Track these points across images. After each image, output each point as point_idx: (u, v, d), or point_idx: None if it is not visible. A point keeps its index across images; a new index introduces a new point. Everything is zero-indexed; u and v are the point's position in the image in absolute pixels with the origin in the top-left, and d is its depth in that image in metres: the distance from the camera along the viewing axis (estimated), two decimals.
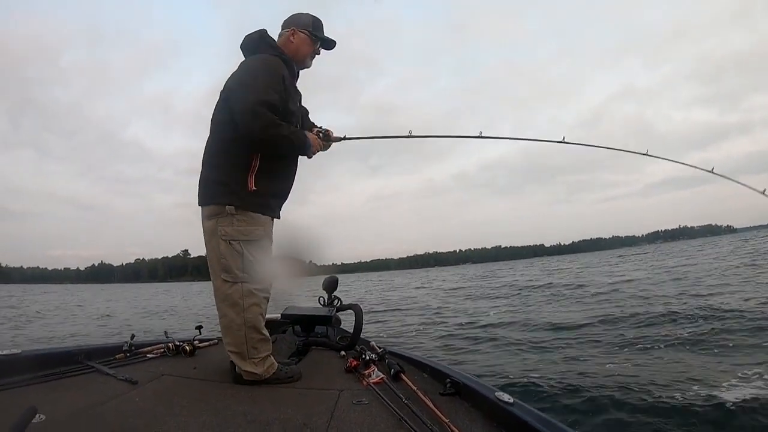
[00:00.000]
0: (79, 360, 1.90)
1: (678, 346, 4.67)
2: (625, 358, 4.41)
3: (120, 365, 1.94)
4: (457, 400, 1.63)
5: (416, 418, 1.37)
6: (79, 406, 1.41)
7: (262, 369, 1.76)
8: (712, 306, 6.51)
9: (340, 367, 2.06)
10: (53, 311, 15.76)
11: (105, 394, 1.53)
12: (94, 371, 1.81)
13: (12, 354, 1.70)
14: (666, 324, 5.80)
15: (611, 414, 3.08)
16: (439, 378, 1.84)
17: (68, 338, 8.21)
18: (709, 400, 3.07)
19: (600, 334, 5.59)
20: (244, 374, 1.75)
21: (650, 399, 3.20)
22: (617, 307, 7.61)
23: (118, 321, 11.78)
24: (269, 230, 1.88)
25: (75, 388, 1.60)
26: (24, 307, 17.17)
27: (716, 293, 8.01)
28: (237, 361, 1.76)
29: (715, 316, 5.83)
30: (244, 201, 1.75)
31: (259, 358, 1.77)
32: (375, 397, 1.62)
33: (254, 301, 1.76)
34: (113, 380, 1.71)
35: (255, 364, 1.75)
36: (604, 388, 3.53)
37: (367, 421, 1.41)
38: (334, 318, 2.93)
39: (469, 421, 1.42)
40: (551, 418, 1.28)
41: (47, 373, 1.68)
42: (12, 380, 1.56)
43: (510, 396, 1.44)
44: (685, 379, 3.57)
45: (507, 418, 1.36)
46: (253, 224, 1.77)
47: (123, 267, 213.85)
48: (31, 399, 1.37)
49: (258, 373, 1.75)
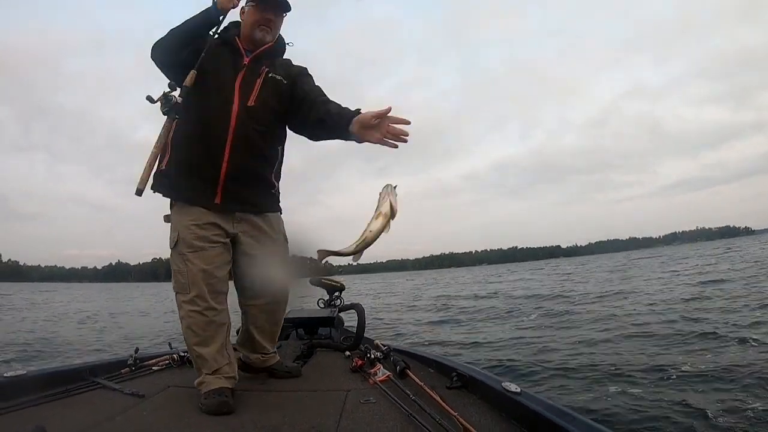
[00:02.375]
0: (84, 377, 1.89)
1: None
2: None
3: (126, 379, 1.93)
4: (464, 394, 1.63)
5: (425, 414, 1.38)
6: (88, 423, 1.40)
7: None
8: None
9: (345, 368, 2.06)
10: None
11: (112, 410, 1.53)
12: (100, 387, 1.80)
13: (18, 375, 1.69)
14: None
15: (619, 401, 3.10)
16: (445, 372, 1.85)
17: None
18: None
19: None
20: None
21: (660, 386, 3.23)
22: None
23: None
24: (189, 224, 1.64)
25: (82, 406, 1.60)
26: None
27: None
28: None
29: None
30: (155, 184, 1.66)
31: (200, 373, 1.65)
32: (382, 395, 1.62)
33: (181, 315, 1.65)
34: (120, 395, 1.71)
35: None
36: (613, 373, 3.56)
37: (376, 419, 1.41)
38: (336, 319, 2.94)
39: (477, 414, 1.43)
40: (560, 406, 1.29)
41: (54, 392, 1.67)
42: (19, 401, 1.55)
43: (517, 386, 1.44)
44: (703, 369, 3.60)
45: (515, 408, 1.37)
46: (173, 217, 1.69)
47: (140, 266, 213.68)
48: (39, 419, 1.37)
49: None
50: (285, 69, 1.81)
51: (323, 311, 2.97)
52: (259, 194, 1.76)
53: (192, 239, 1.64)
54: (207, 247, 1.64)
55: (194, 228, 1.64)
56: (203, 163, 1.66)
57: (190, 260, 1.63)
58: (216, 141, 1.65)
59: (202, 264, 1.63)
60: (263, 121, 1.71)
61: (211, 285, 1.63)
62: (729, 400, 2.97)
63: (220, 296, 1.68)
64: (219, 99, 1.67)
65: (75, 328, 10.31)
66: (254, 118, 1.68)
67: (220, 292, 1.68)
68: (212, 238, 1.65)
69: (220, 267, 1.67)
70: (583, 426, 1.14)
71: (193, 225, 1.64)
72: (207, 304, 1.63)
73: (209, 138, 1.66)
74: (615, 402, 3.11)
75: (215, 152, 1.65)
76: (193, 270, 1.62)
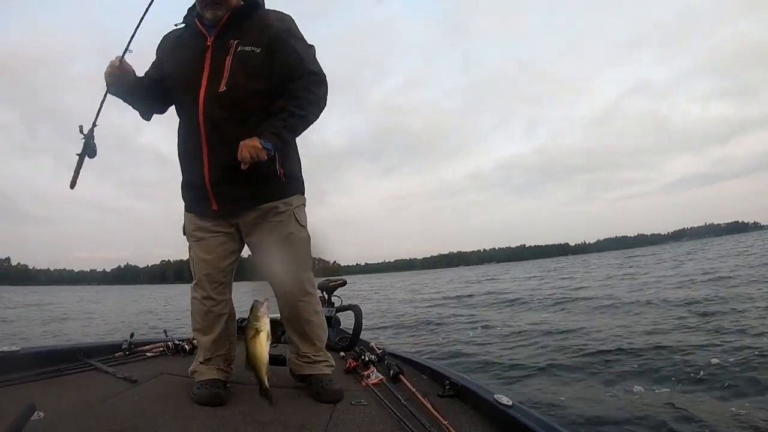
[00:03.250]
0: (78, 358, 1.89)
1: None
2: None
3: (119, 363, 1.94)
4: (456, 402, 1.62)
5: (415, 420, 1.37)
6: (79, 404, 1.41)
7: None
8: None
9: (339, 368, 2.05)
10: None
11: (104, 393, 1.53)
12: (93, 369, 1.80)
13: (10, 351, 1.70)
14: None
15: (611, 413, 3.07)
16: (438, 380, 1.84)
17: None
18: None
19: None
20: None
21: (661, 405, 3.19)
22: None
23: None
24: (190, 216, 1.66)
25: (74, 386, 1.60)
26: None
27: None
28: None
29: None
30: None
31: (196, 361, 1.69)
32: (374, 398, 1.62)
33: (190, 301, 1.69)
34: (112, 378, 1.71)
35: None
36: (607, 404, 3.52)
37: (366, 422, 1.41)
38: (333, 319, 2.93)
39: (468, 424, 1.42)
40: (551, 422, 1.28)
41: (46, 371, 1.68)
42: (10, 377, 1.55)
43: (509, 399, 1.43)
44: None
45: (506, 421, 1.36)
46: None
47: (149, 268, 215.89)
48: (30, 396, 1.37)
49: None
50: (258, 32, 1.51)
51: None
52: (259, 187, 1.56)
53: (192, 230, 1.65)
54: (207, 237, 1.62)
55: (194, 218, 1.65)
56: (188, 169, 1.62)
57: (193, 249, 1.66)
58: (192, 144, 1.54)
59: (202, 254, 1.62)
60: (240, 107, 1.50)
61: (210, 275, 1.62)
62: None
63: (220, 287, 1.64)
64: (187, 94, 1.52)
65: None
66: (225, 106, 1.48)
67: (221, 282, 1.64)
68: (212, 229, 1.62)
69: (221, 257, 1.63)
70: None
71: (194, 217, 1.65)
72: (205, 293, 1.62)
73: (186, 142, 1.58)
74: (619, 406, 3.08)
75: (194, 155, 1.54)
76: (195, 259, 1.64)
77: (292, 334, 1.73)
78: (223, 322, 1.66)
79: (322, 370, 1.69)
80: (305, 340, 1.70)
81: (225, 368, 1.66)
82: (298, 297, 1.66)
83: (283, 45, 1.51)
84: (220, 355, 1.66)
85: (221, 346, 1.66)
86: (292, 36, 1.54)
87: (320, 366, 1.69)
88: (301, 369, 1.70)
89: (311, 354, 1.69)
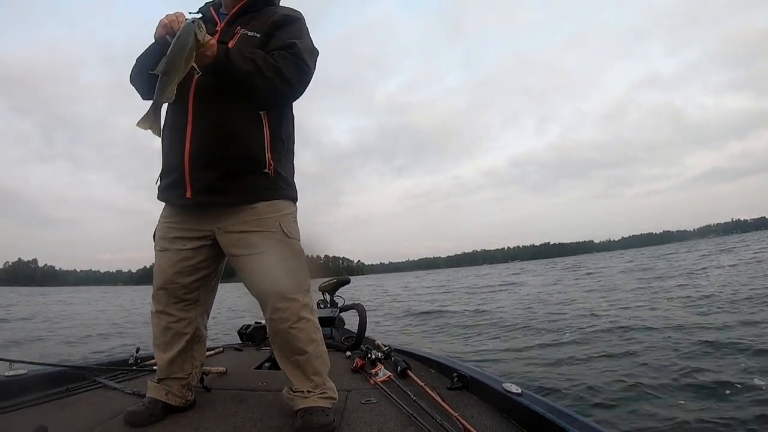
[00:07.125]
0: (85, 376, 1.89)
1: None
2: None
3: (127, 379, 1.93)
4: (465, 394, 1.64)
5: (425, 414, 1.38)
6: (89, 423, 1.41)
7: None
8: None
9: (346, 368, 2.06)
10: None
11: (113, 409, 1.53)
12: (101, 387, 1.80)
13: (18, 375, 1.69)
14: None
15: (624, 403, 3.06)
16: (446, 373, 1.85)
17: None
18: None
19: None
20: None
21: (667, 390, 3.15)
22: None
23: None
24: (162, 221, 1.52)
25: (83, 405, 1.60)
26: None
27: None
28: None
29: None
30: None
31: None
32: (383, 395, 1.63)
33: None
34: (120, 394, 1.71)
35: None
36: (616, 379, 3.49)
37: (377, 419, 1.42)
38: (337, 319, 2.94)
39: (478, 414, 1.43)
40: (561, 407, 1.29)
41: (55, 392, 1.67)
42: (20, 400, 1.55)
43: (518, 387, 1.45)
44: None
45: (516, 409, 1.37)
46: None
47: None
48: (41, 418, 1.37)
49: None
50: (263, 21, 1.50)
51: (324, 311, 2.98)
52: (242, 178, 1.41)
53: (159, 237, 1.52)
54: (171, 249, 1.47)
55: (164, 225, 1.51)
56: (169, 152, 1.46)
57: (156, 257, 1.52)
58: (177, 122, 1.42)
59: (163, 264, 1.48)
60: (232, 89, 1.39)
61: (168, 291, 1.47)
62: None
63: (181, 303, 1.48)
64: (186, 77, 1.37)
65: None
66: (216, 86, 1.38)
67: (182, 299, 1.48)
68: (182, 236, 1.47)
69: (183, 273, 1.46)
70: (583, 427, 1.14)
71: (165, 222, 1.51)
72: (161, 307, 1.49)
73: (172, 119, 1.45)
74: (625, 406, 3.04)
75: (178, 135, 1.41)
76: (155, 269, 1.51)
77: (284, 366, 1.47)
78: (183, 342, 1.49)
79: (317, 402, 1.41)
80: (300, 374, 1.45)
81: (178, 394, 1.50)
82: (288, 323, 1.41)
83: (281, 31, 1.48)
84: (176, 378, 1.50)
85: (178, 369, 1.50)
86: (294, 27, 1.51)
87: (314, 398, 1.42)
88: (294, 403, 1.43)
89: (296, 383, 1.45)
